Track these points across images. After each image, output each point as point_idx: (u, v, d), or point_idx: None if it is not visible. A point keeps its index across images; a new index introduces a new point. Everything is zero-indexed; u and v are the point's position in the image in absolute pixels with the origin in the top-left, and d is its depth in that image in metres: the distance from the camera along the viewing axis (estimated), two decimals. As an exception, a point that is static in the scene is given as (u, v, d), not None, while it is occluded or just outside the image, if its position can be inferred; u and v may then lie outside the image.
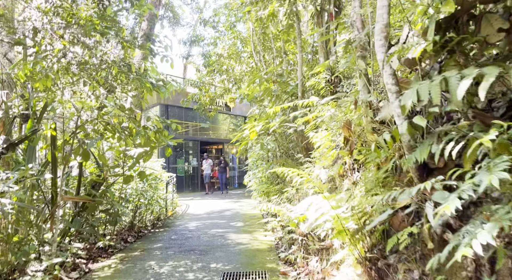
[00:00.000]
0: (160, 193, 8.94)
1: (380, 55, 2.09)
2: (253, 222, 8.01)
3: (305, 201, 2.76)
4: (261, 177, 9.12)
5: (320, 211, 2.61)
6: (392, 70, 2.06)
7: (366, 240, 2.35)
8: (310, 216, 2.64)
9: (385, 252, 2.36)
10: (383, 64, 2.08)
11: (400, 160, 2.31)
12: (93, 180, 6.04)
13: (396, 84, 2.06)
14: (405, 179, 2.19)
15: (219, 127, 23.60)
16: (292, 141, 7.20)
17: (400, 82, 2.07)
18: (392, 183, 2.40)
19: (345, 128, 2.51)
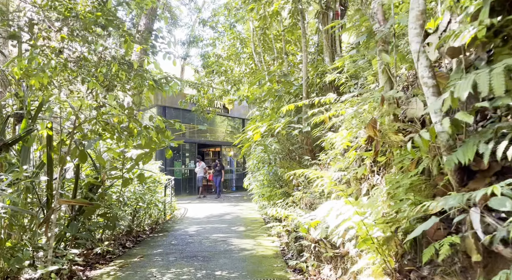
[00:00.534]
0: (158, 196, 8.72)
1: (415, 46, 1.90)
2: (255, 227, 7.79)
3: (325, 206, 2.56)
4: (263, 180, 8.91)
5: (341, 217, 2.41)
6: (429, 62, 1.87)
7: (396, 250, 2.16)
8: (331, 222, 2.44)
9: (417, 262, 2.16)
10: (418, 55, 1.89)
11: (433, 162, 2.12)
12: (91, 182, 5.81)
13: (433, 77, 1.87)
14: (440, 183, 2.00)
15: (217, 129, 23.40)
16: (296, 143, 7.01)
17: (436, 76, 1.89)
18: (423, 186, 2.21)
19: (370, 126, 2.32)
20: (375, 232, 2.31)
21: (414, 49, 1.92)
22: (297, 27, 8.64)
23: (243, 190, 23.09)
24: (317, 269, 3.76)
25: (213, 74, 15.16)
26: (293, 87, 7.20)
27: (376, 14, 2.80)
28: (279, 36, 13.33)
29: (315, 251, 3.82)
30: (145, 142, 5.23)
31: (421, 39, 1.89)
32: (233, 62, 15.92)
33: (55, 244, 5.19)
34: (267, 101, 9.25)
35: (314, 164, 5.75)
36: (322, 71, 6.75)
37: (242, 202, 13.88)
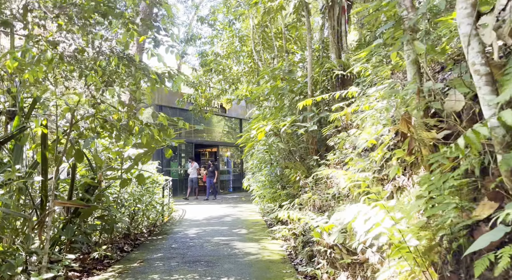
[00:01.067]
0: (156, 197, 8.45)
1: (465, 28, 1.68)
2: (257, 229, 7.55)
3: (351, 210, 2.33)
4: (264, 181, 8.68)
5: (370, 222, 2.18)
6: (482, 47, 1.65)
7: (437, 260, 1.93)
8: (358, 228, 2.22)
9: (460, 275, 1.94)
10: (468, 39, 1.67)
11: (476, 161, 1.91)
12: (87, 183, 5.53)
13: (486, 65, 1.65)
14: (491, 185, 1.78)
15: (214, 129, 23.13)
16: (301, 143, 6.78)
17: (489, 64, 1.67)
18: (465, 189, 1.99)
19: (403, 122, 2.11)
20: (409, 240, 2.08)
21: (463, 32, 1.70)
22: (301, 23, 8.42)
23: (241, 191, 22.84)
24: (332, 277, 3.54)
25: (211, 72, 14.91)
26: (297, 85, 6.97)
27: (404, 0, 2.58)
28: (279, 34, 13.12)
29: (331, 258, 3.59)
30: (146, 141, 4.98)
31: (473, 20, 1.67)
32: (232, 60, 15.69)
33: (50, 248, 4.92)
34: (268, 100, 9.03)
35: (322, 164, 5.52)
36: (328, 68, 6.54)
37: (241, 204, 13.64)
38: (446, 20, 2.89)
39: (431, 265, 2.01)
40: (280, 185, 8.20)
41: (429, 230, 1.99)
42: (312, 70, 6.80)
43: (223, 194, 20.25)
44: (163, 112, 13.11)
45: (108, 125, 4.65)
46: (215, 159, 22.32)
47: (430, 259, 1.95)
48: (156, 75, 3.95)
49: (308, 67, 6.82)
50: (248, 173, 13.64)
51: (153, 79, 3.98)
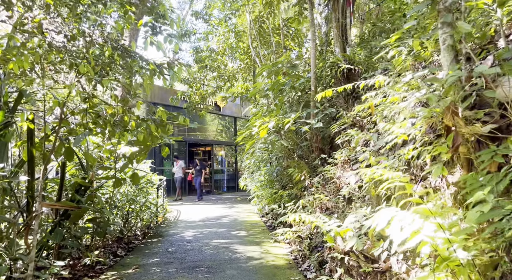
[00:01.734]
0: (150, 198, 8.12)
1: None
2: (257, 231, 7.26)
3: (383, 214, 2.06)
4: (264, 180, 8.40)
5: (408, 228, 1.91)
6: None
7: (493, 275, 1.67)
8: (394, 235, 1.94)
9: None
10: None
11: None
12: (78, 183, 5.19)
13: None
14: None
15: (208, 128, 22.77)
16: (304, 141, 6.51)
17: None
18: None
19: (449, 113, 1.84)
20: (455, 249, 1.81)
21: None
22: (303, 17, 8.14)
23: (235, 191, 22.53)
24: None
25: (206, 69, 14.58)
26: (300, 80, 6.70)
27: (439, -21, 2.31)
28: (277, 30, 12.85)
29: (348, 265, 3.31)
30: (143, 138, 4.66)
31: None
32: (227, 57, 15.37)
33: (37, 254, 4.58)
34: (266, 97, 8.75)
35: (330, 163, 5.26)
36: (333, 62, 6.27)
37: (237, 204, 13.34)
38: (477, 4, 2.64)
39: (482, 279, 1.74)
40: (280, 185, 7.93)
41: (480, 240, 1.72)
42: (315, 65, 6.53)
43: (217, 194, 19.94)
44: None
45: (101, 120, 4.32)
46: (209, 158, 21.98)
47: (492, 275, 1.68)
48: (154, 65, 3.63)
49: (311, 61, 6.55)
50: (245, 173, 13.36)
51: (151, 70, 3.66)
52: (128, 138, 4.46)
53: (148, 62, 3.62)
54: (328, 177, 5.22)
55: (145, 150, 5.14)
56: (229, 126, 24.33)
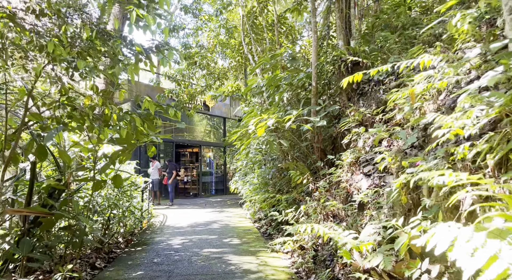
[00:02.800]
0: (135, 201, 7.54)
1: None
2: (250, 239, 6.76)
3: (442, 231, 1.59)
4: (258, 183, 7.92)
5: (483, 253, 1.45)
6: None
7: None
8: (462, 262, 1.47)
9: None
10: None
11: None
12: (51, 186, 4.61)
13: None
14: None
15: (195, 128, 22.18)
16: (306, 140, 6.06)
17: None
18: None
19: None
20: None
21: None
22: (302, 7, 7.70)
23: (224, 194, 21.95)
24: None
25: (196, 66, 14.02)
26: (299, 75, 6.24)
27: None
28: (270, 27, 12.40)
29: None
30: (126, 134, 4.13)
31: None
32: (217, 54, 14.86)
33: (1, 267, 4.00)
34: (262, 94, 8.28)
35: (337, 165, 4.81)
36: (336, 55, 5.84)
37: (227, 208, 12.82)
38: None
39: None
40: (275, 189, 7.46)
41: None
42: (317, 59, 6.09)
43: (205, 197, 19.37)
44: (141, 109, 11.90)
45: (78, 113, 3.77)
46: (197, 159, 21.39)
47: None
48: (141, 48, 3.11)
49: (312, 55, 6.10)
50: (236, 175, 12.85)
51: (137, 54, 3.14)
52: (108, 134, 3.92)
53: (134, 44, 3.11)
54: (333, 180, 4.76)
55: (129, 149, 4.60)
56: (218, 127, 23.79)
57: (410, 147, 3.10)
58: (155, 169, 14.27)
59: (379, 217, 3.19)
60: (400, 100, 3.28)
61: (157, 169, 14.31)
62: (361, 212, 3.89)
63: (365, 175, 4.12)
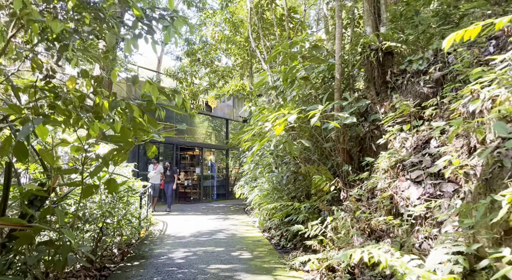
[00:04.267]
0: (132, 208, 6.83)
1: None
2: (263, 252, 6.03)
3: None
4: (270, 189, 7.20)
5: None
6: None
7: None
8: None
9: None
10: None
11: None
12: (32, 191, 3.89)
13: None
14: None
15: (197, 130, 21.47)
16: (329, 140, 5.35)
17: None
18: None
19: None
20: None
21: None
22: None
23: (226, 199, 21.18)
24: None
25: (199, 63, 13.35)
26: (319, 67, 5.55)
27: None
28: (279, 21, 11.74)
29: None
30: (122, 129, 3.44)
31: None
32: (221, 52, 14.18)
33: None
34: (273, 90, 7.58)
35: (373, 169, 4.10)
36: (364, 43, 5.14)
37: (232, 214, 12.09)
38: None
39: None
40: (288, 196, 6.75)
41: None
42: (341, 48, 5.40)
43: (206, 202, 18.65)
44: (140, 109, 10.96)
45: (62, 103, 3.07)
46: (198, 162, 20.67)
47: None
48: (141, 12, 2.42)
49: (336, 43, 5.41)
50: (241, 180, 12.14)
51: (135, 21, 2.45)
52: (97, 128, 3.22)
53: (134, 6, 2.41)
54: (366, 187, 4.05)
55: (126, 148, 3.90)
56: (220, 129, 23.10)
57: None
58: (157, 173, 13.02)
59: (447, 238, 2.48)
60: (477, 85, 2.57)
61: (159, 173, 13.08)
62: (411, 229, 3.17)
63: (413, 182, 3.41)
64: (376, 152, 4.99)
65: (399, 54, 5.18)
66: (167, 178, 13.46)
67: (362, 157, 5.25)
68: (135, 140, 3.96)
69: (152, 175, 12.78)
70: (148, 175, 12.85)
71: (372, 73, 5.27)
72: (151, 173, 12.90)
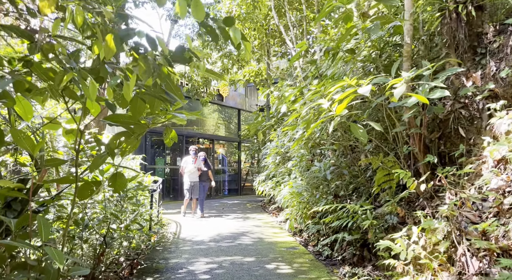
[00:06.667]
0: (142, 209, 5.79)
1: None
2: (304, 264, 4.94)
3: None
4: (307, 185, 6.10)
5: None
6: None
7: None
8: None
9: None
10: None
11: None
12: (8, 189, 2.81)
13: None
14: None
15: (206, 120, 20.33)
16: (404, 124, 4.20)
17: None
18: None
19: None
20: None
21: None
22: None
23: (238, 194, 20.09)
24: None
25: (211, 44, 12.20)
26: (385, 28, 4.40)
27: None
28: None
29: None
30: (133, 101, 2.38)
31: None
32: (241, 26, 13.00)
33: None
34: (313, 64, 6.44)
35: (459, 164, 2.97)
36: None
37: (250, 213, 11.03)
38: None
39: None
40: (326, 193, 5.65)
41: None
42: (413, 4, 4.23)
43: (218, 198, 17.61)
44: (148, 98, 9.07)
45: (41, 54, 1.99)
46: (208, 156, 19.62)
47: None
48: None
49: None
50: (260, 175, 11.07)
51: None
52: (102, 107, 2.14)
53: None
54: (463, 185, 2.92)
55: (138, 132, 2.81)
56: (231, 120, 21.94)
57: None
58: (195, 166, 10.02)
59: None
60: None
61: (197, 166, 10.10)
62: None
63: None
64: (464, 139, 3.86)
65: (494, 8, 4.02)
66: (203, 175, 10.31)
67: (444, 146, 4.11)
68: (149, 122, 2.88)
69: (191, 170, 9.95)
70: (185, 170, 10.00)
71: (454, 36, 4.11)
72: (189, 167, 9.96)
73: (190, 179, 9.83)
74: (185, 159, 10.20)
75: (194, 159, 10.08)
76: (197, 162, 10.07)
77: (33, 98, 2.61)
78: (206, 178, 10.31)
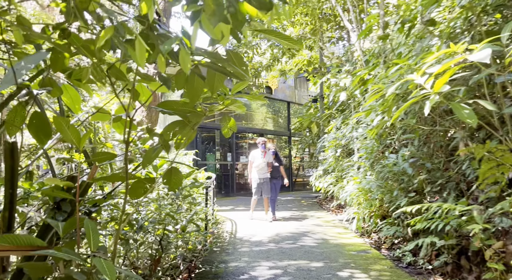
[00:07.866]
0: (198, 208, 5.43)
1: None
2: (384, 273, 4.30)
3: None
4: (382, 181, 5.41)
5: None
6: None
7: None
8: None
9: None
10: None
11: None
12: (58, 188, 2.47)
13: None
14: None
15: (254, 115, 19.87)
16: None
17: None
18: None
19: None
20: None
21: None
22: None
23: (289, 190, 19.29)
24: None
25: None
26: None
27: None
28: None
29: None
30: (190, 79, 1.90)
31: None
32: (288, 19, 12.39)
33: None
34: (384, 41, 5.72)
35: None
36: None
37: (307, 210, 10.44)
38: None
39: None
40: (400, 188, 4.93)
41: None
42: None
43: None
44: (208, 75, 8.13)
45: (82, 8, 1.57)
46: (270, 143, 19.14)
47: None
48: None
49: None
50: (318, 169, 10.44)
51: None
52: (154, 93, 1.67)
53: None
54: None
55: (194, 122, 2.34)
56: (281, 114, 21.32)
57: None
58: (265, 161, 8.79)
59: None
60: None
61: (267, 161, 8.85)
62: None
63: None
64: None
65: None
66: (274, 172, 9.00)
67: None
68: (206, 110, 2.40)
69: (260, 165, 8.76)
70: (253, 165, 8.83)
71: None
72: (257, 161, 8.77)
73: (259, 175, 8.72)
74: (253, 154, 8.98)
75: (263, 152, 8.83)
76: (266, 156, 8.81)
77: (81, 86, 2.25)
78: (277, 174, 9.02)
